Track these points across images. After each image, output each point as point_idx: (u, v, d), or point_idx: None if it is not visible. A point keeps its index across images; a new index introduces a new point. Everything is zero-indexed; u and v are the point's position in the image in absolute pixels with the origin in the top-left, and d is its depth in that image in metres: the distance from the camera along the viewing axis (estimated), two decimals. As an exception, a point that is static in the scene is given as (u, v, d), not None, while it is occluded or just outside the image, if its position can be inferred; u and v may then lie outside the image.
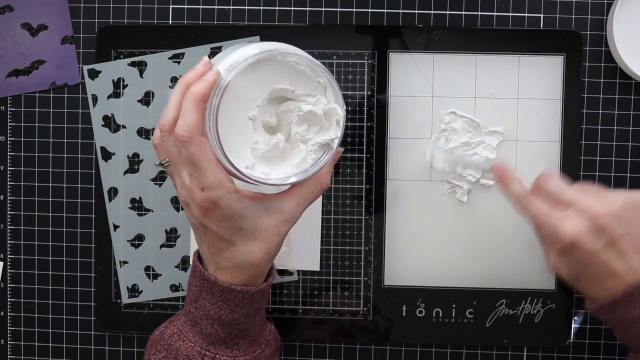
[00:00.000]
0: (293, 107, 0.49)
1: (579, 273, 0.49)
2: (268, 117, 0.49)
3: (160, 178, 0.65)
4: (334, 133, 0.49)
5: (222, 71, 0.46)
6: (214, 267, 0.50)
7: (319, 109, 0.48)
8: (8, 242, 0.66)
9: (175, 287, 0.65)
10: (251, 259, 0.49)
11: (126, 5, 0.64)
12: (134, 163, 0.65)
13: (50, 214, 0.66)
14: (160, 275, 0.65)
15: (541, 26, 0.63)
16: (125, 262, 0.65)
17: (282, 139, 0.48)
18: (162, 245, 0.65)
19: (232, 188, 0.46)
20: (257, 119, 0.48)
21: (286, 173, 0.49)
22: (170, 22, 0.64)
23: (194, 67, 0.47)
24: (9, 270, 0.66)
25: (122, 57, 0.64)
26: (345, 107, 0.49)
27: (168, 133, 0.46)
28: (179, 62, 0.64)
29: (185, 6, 0.64)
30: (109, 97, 0.64)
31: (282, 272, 0.64)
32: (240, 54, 0.46)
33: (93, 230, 0.65)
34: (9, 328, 0.66)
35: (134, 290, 0.65)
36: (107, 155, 0.65)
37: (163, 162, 0.49)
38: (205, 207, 0.46)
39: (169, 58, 0.64)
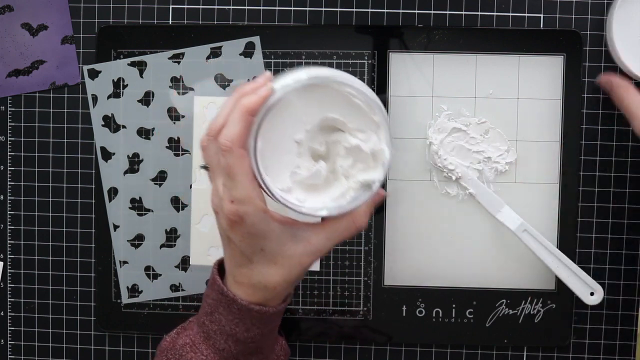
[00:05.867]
0: (342, 138, 0.47)
1: None
2: (317, 144, 0.48)
3: (160, 178, 0.65)
4: (377, 175, 0.46)
5: (277, 88, 0.45)
6: (231, 280, 0.49)
7: (368, 146, 0.46)
8: (8, 242, 0.66)
9: (175, 287, 0.65)
10: (267, 282, 0.48)
11: (126, 5, 0.64)
12: (134, 163, 0.65)
13: (50, 214, 0.66)
14: (160, 275, 0.65)
15: (541, 26, 0.63)
16: (125, 262, 0.65)
17: (325, 168, 0.47)
18: (162, 245, 0.65)
19: (261, 207, 0.45)
20: (304, 144, 0.47)
21: (322, 204, 0.47)
22: (170, 22, 0.65)
23: (255, 79, 0.46)
24: (9, 270, 0.66)
25: (122, 57, 0.64)
26: (392, 150, 0.46)
27: (213, 139, 0.46)
28: (179, 62, 0.64)
29: (185, 6, 0.64)
30: (109, 97, 0.64)
31: (282, 272, 0.64)
32: (299, 75, 0.45)
33: (93, 230, 0.65)
34: (9, 328, 0.66)
35: (134, 290, 0.65)
36: (107, 155, 0.65)
37: (206, 166, 0.48)
38: (231, 220, 0.45)
39: (169, 58, 0.64)
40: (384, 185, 0.63)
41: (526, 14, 0.63)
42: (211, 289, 0.50)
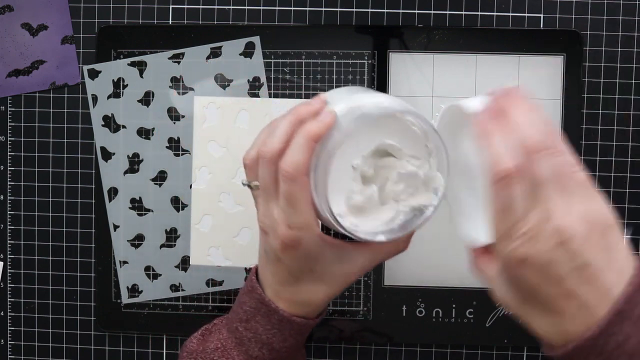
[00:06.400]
0: (396, 164, 0.47)
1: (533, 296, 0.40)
2: (366, 167, 0.47)
3: (160, 178, 0.65)
4: (430, 200, 0.47)
5: (339, 114, 0.44)
6: (272, 292, 0.49)
7: (422, 172, 0.46)
8: (8, 242, 0.66)
9: (175, 287, 0.65)
10: (311, 299, 0.48)
11: (126, 5, 0.64)
12: (134, 163, 0.65)
13: (50, 214, 0.66)
14: (160, 275, 0.65)
15: (541, 26, 0.63)
16: (125, 262, 0.65)
17: (376, 192, 0.47)
18: (162, 245, 0.65)
19: (317, 232, 0.45)
20: (358, 169, 0.46)
21: (374, 228, 0.46)
22: (170, 22, 0.65)
23: (308, 102, 0.46)
24: (9, 270, 0.66)
25: (122, 57, 0.64)
26: (446, 177, 0.46)
27: (269, 162, 0.44)
28: (179, 62, 0.64)
29: (185, 6, 0.64)
30: (109, 97, 0.65)
31: (282, 272, 0.64)
32: (359, 101, 0.45)
33: (93, 230, 0.65)
34: (9, 328, 0.66)
35: (134, 290, 0.65)
36: (107, 155, 0.65)
37: (251, 184, 0.47)
38: (286, 244, 0.45)
39: (169, 58, 0.64)
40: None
41: (526, 14, 0.63)
42: (248, 296, 0.50)
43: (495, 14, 0.63)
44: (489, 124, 0.40)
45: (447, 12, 0.63)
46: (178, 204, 0.65)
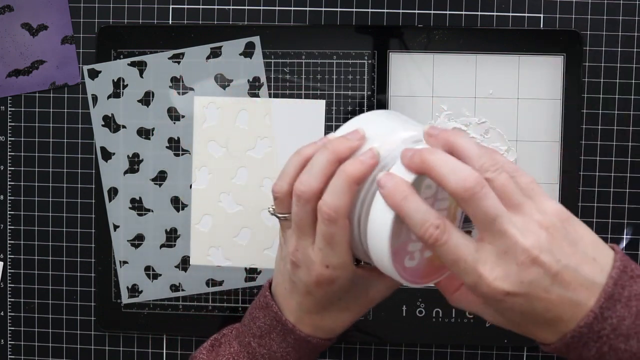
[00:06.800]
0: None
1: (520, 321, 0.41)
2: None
3: (160, 178, 0.65)
4: None
5: (382, 154, 0.42)
6: (295, 318, 0.48)
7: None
8: (8, 242, 0.66)
9: (175, 287, 0.65)
10: (334, 326, 0.49)
11: (126, 5, 0.64)
12: (134, 163, 0.65)
13: (50, 214, 0.66)
14: (160, 275, 0.65)
15: (541, 26, 0.63)
16: (125, 262, 0.65)
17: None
18: (162, 245, 0.65)
19: (353, 270, 0.45)
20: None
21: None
22: (170, 22, 0.65)
23: (344, 135, 0.44)
24: (9, 270, 0.66)
25: (122, 57, 0.64)
26: None
27: (306, 201, 0.43)
28: (179, 62, 0.64)
29: (185, 6, 0.64)
30: (109, 97, 0.65)
31: (282, 272, 0.64)
32: (398, 136, 0.43)
33: (93, 230, 0.65)
34: (9, 328, 0.66)
35: (134, 290, 0.65)
36: (107, 155, 0.65)
37: (280, 215, 0.47)
38: (320, 281, 0.45)
39: (169, 58, 0.64)
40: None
41: (526, 14, 0.63)
42: (263, 312, 0.49)
43: (495, 14, 0.63)
44: (397, 192, 0.39)
45: (447, 12, 0.63)
46: (178, 204, 0.65)
